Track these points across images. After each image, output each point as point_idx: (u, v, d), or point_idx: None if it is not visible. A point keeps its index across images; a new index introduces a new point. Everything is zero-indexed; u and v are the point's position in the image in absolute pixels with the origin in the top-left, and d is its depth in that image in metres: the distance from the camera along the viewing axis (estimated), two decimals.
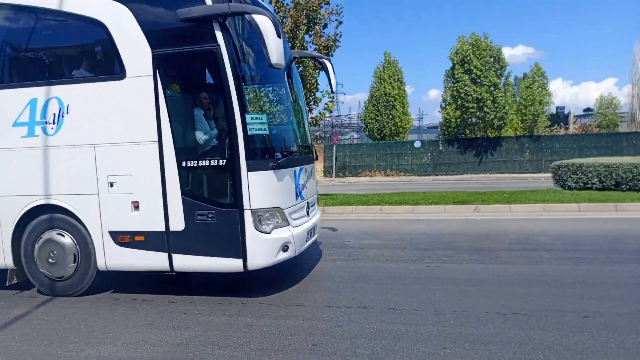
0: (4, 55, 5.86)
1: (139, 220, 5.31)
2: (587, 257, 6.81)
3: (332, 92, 7.53)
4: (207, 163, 5.19)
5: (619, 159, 14.87)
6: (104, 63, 5.65)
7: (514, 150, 29.05)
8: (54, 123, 5.47)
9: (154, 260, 5.32)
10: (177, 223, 5.20)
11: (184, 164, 5.16)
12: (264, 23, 4.74)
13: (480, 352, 3.84)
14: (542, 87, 31.31)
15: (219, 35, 4.97)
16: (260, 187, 5.10)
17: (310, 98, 14.29)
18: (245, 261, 5.09)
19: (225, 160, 5.10)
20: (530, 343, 3.96)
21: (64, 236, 5.60)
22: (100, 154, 5.37)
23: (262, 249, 5.15)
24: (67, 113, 5.43)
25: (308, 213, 6.12)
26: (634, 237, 8.09)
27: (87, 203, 5.44)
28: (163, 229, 5.24)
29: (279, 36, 4.82)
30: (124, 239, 5.38)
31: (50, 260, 5.61)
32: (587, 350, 3.80)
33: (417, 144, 30.81)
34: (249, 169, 5.01)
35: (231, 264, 5.16)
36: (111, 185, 5.36)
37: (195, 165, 5.19)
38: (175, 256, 5.25)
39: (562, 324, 4.35)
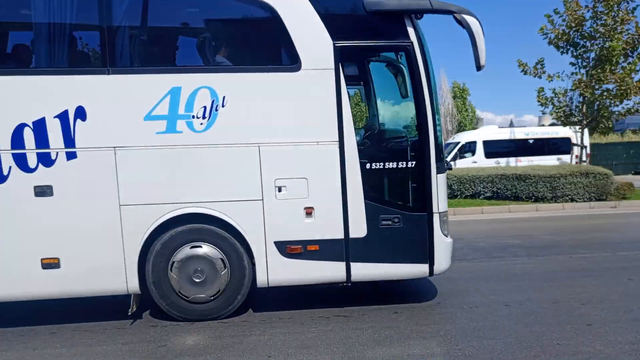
0: (137, 33, 4.88)
1: (312, 228, 4.86)
2: None
3: None
4: (394, 165, 4.99)
5: None
6: (272, 52, 5.09)
7: None
8: (204, 118, 4.68)
9: (329, 272, 4.93)
10: (359, 229, 4.89)
11: (367, 166, 4.90)
12: (476, 24, 4.72)
13: (302, 356, 4.01)
14: None
15: (411, 31, 4.85)
16: (443, 190, 5.06)
17: None
18: (432, 266, 5.01)
19: (414, 162, 4.96)
20: (347, 342, 4.28)
21: (202, 247, 4.82)
22: (267, 155, 4.77)
23: (445, 253, 5.08)
24: (223, 107, 4.70)
25: None
26: None
27: (247, 211, 4.79)
28: (341, 236, 4.89)
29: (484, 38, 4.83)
30: (294, 249, 4.85)
31: (196, 279, 4.79)
32: (395, 342, 4.25)
33: None
34: (438, 171, 4.93)
35: (416, 270, 5.04)
36: (279, 189, 4.80)
37: (381, 167, 4.96)
38: (354, 265, 4.93)
39: (376, 320, 4.79)
